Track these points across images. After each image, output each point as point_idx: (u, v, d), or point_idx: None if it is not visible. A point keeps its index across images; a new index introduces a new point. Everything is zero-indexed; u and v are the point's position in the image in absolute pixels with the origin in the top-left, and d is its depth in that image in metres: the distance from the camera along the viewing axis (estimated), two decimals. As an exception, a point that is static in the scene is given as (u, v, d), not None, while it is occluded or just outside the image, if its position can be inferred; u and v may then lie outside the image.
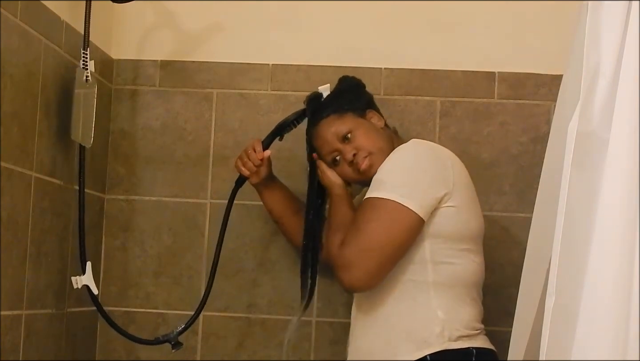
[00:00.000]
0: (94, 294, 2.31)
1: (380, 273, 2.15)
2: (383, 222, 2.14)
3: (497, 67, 2.63)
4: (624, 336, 1.47)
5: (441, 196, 2.16)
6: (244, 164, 2.43)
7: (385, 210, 2.14)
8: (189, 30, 2.70)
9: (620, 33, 1.55)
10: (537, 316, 1.71)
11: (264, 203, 2.50)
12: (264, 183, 2.45)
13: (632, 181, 1.49)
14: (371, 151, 2.27)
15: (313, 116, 2.37)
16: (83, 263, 2.30)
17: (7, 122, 1.99)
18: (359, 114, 2.33)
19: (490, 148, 2.62)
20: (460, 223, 2.20)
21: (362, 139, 2.29)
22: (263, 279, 2.62)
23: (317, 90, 2.41)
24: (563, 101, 1.69)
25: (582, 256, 1.52)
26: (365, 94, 2.42)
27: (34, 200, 2.14)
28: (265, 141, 2.43)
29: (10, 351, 2.05)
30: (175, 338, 2.41)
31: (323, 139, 2.33)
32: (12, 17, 2.00)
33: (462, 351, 2.15)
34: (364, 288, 2.18)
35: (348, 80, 2.43)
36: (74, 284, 2.28)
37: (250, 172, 2.42)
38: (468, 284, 2.21)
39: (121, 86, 2.69)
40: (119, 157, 2.67)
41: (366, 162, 2.27)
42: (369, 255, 2.13)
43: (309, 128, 2.39)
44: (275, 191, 2.48)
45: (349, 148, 2.29)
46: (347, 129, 2.30)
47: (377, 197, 2.16)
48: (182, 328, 2.43)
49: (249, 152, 2.42)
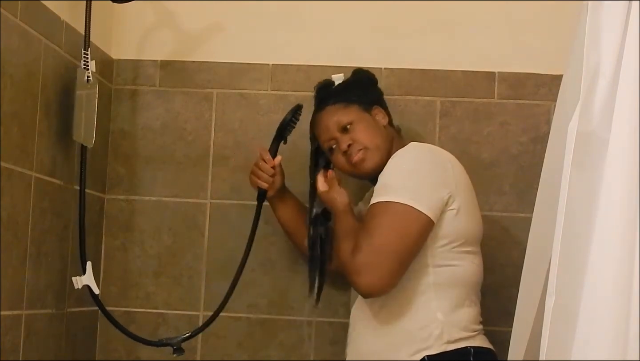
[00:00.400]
0: (95, 294, 2.31)
1: (395, 276, 2.13)
2: (395, 225, 2.13)
3: (497, 67, 2.63)
4: (624, 336, 1.47)
5: (446, 199, 2.16)
6: (259, 177, 2.40)
7: (396, 213, 2.13)
8: (189, 30, 2.70)
9: (620, 33, 1.55)
10: (537, 316, 1.71)
11: (277, 216, 2.48)
12: (279, 195, 2.44)
13: (632, 181, 1.49)
14: (367, 145, 2.28)
15: (320, 102, 2.38)
16: (83, 263, 2.29)
17: (7, 122, 1.99)
18: (365, 108, 2.34)
19: (490, 148, 2.62)
20: (461, 225, 2.19)
21: (360, 132, 2.29)
22: (263, 279, 2.62)
23: (331, 77, 2.42)
24: (563, 101, 1.69)
25: (582, 256, 1.52)
26: (375, 90, 2.43)
27: (34, 200, 2.14)
28: (271, 148, 2.42)
29: (10, 351, 2.05)
30: (178, 343, 2.39)
31: (324, 126, 2.33)
32: (12, 17, 2.00)
33: (459, 350, 2.15)
34: (380, 292, 2.16)
35: (362, 73, 2.45)
36: (75, 284, 2.28)
37: (268, 183, 2.40)
38: (467, 285, 2.21)
39: (121, 86, 2.69)
40: (119, 157, 2.67)
41: (359, 155, 2.27)
42: (383, 259, 2.11)
43: (313, 114, 2.40)
44: (289, 203, 2.47)
45: (345, 138, 2.29)
46: (349, 120, 2.30)
47: (385, 201, 2.15)
48: (189, 335, 2.41)
49: (260, 164, 2.40)
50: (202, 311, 2.62)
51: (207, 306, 2.60)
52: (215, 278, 2.62)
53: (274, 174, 2.40)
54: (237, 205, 2.61)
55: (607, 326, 1.48)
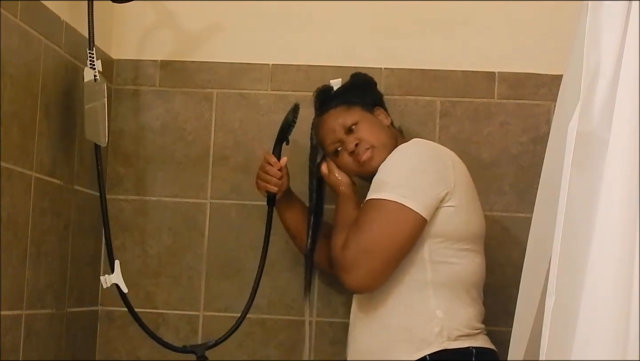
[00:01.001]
0: (123, 293, 2.29)
1: (383, 274, 2.14)
2: (385, 223, 2.14)
3: (497, 67, 2.63)
4: (624, 336, 1.47)
5: (443, 196, 2.16)
6: (267, 181, 2.39)
7: (387, 211, 2.14)
8: (189, 30, 2.70)
9: (620, 33, 1.55)
10: (537, 316, 1.71)
11: (282, 219, 2.47)
12: (285, 198, 2.43)
13: (632, 181, 1.49)
14: (374, 144, 2.28)
15: (322, 106, 2.38)
16: (111, 261, 2.29)
17: (7, 122, 1.99)
18: (367, 109, 2.35)
19: (490, 148, 2.62)
20: (460, 222, 2.20)
21: (366, 131, 2.30)
22: (263, 279, 2.61)
23: (329, 83, 2.42)
24: (563, 101, 1.69)
25: (582, 256, 1.52)
26: (376, 91, 2.45)
27: (34, 200, 2.14)
28: (275, 150, 2.42)
29: (10, 351, 2.05)
30: (202, 350, 2.36)
31: (329, 129, 2.34)
32: (12, 17, 2.00)
33: (461, 350, 2.15)
34: (366, 289, 2.18)
35: (361, 76, 2.46)
36: (103, 283, 2.26)
37: (277, 186, 2.38)
38: (468, 284, 2.21)
39: (121, 86, 2.69)
40: (119, 157, 2.67)
41: (367, 153, 2.28)
42: (370, 256, 2.12)
43: (315, 118, 2.40)
44: (295, 206, 2.47)
45: (351, 139, 2.30)
46: (353, 121, 2.31)
47: (378, 198, 2.16)
48: (213, 343, 2.39)
49: (267, 168, 2.39)
50: (202, 311, 2.62)
51: (207, 306, 2.60)
52: (215, 278, 2.62)
53: (282, 177, 2.39)
54: (237, 205, 2.61)
55: (607, 326, 1.48)
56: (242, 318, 2.42)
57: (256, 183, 2.42)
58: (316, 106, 2.42)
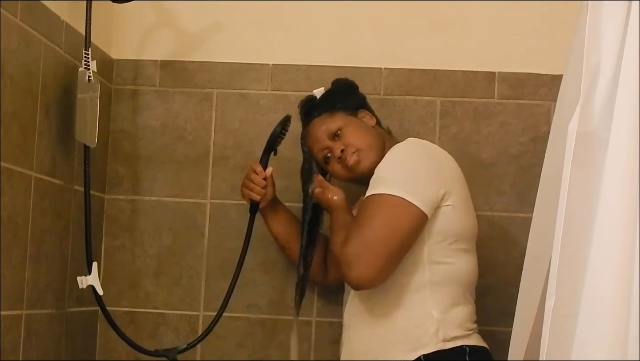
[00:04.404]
0: (98, 295, 2.30)
1: (386, 269, 2.13)
2: (387, 217, 2.12)
3: (497, 67, 2.64)
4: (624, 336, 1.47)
5: (442, 194, 2.16)
6: (251, 189, 2.39)
7: (389, 205, 2.13)
8: (189, 30, 2.70)
9: (620, 33, 1.55)
10: (537, 316, 1.71)
11: (269, 228, 2.48)
12: (271, 206, 2.44)
13: (632, 181, 1.49)
14: (360, 147, 2.28)
15: (306, 117, 2.39)
16: (89, 263, 2.28)
17: (7, 122, 1.99)
18: (350, 113, 2.35)
19: (490, 148, 2.62)
20: (457, 222, 2.20)
21: (351, 136, 2.30)
22: (263, 280, 2.62)
23: (312, 93, 2.42)
24: (563, 101, 1.69)
25: (582, 256, 1.51)
26: (357, 94, 2.44)
27: (34, 200, 2.14)
28: (262, 160, 2.42)
29: (10, 351, 2.05)
30: (174, 354, 2.37)
31: (314, 137, 2.34)
32: (12, 17, 2.00)
33: (455, 349, 2.15)
34: (370, 284, 2.15)
35: (341, 81, 2.46)
36: (80, 284, 2.26)
37: (260, 195, 2.39)
38: (462, 284, 2.21)
39: (121, 86, 2.69)
40: (119, 157, 2.67)
41: (354, 157, 2.28)
42: (373, 250, 2.11)
43: (303, 130, 2.40)
44: (281, 215, 2.47)
45: (337, 144, 2.30)
46: (337, 127, 2.31)
47: (379, 193, 2.15)
48: (185, 348, 2.40)
49: (252, 176, 2.39)
50: (202, 311, 2.62)
51: (207, 306, 2.60)
52: (215, 278, 2.62)
53: (266, 186, 2.39)
54: (237, 205, 2.61)
55: (607, 326, 1.48)
56: (214, 323, 2.42)
57: (241, 190, 2.42)
58: (302, 117, 2.43)
